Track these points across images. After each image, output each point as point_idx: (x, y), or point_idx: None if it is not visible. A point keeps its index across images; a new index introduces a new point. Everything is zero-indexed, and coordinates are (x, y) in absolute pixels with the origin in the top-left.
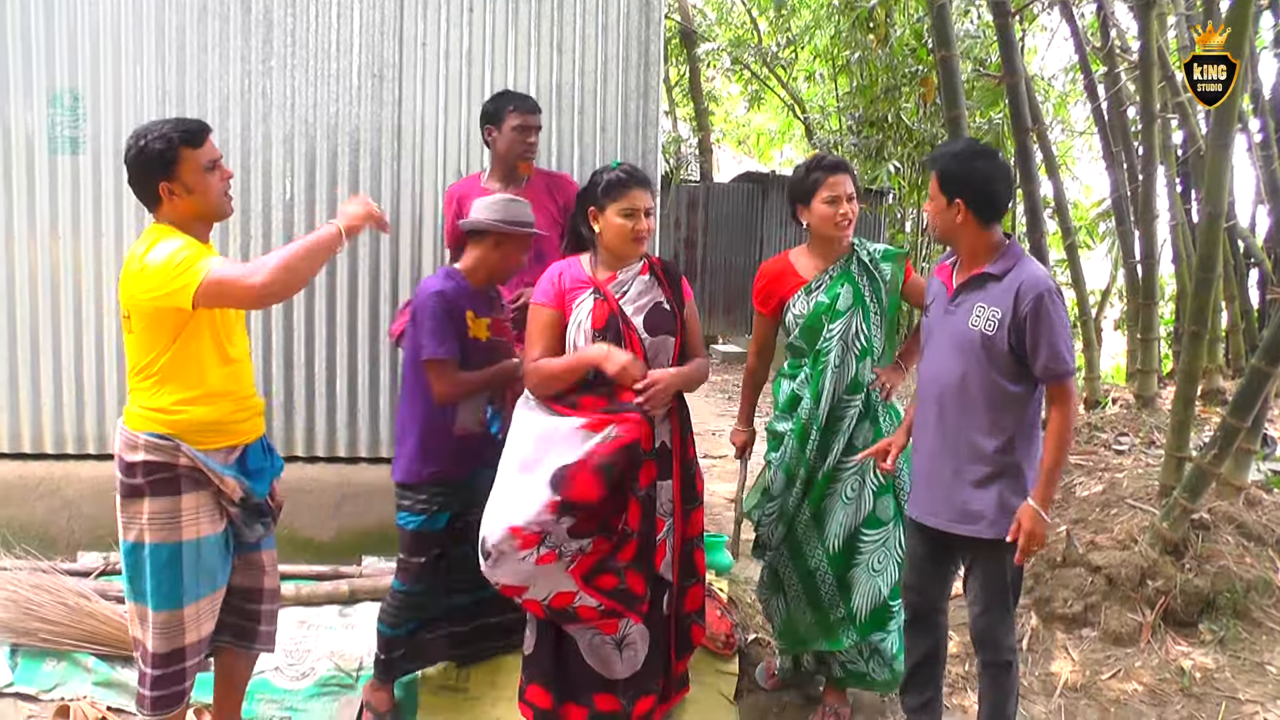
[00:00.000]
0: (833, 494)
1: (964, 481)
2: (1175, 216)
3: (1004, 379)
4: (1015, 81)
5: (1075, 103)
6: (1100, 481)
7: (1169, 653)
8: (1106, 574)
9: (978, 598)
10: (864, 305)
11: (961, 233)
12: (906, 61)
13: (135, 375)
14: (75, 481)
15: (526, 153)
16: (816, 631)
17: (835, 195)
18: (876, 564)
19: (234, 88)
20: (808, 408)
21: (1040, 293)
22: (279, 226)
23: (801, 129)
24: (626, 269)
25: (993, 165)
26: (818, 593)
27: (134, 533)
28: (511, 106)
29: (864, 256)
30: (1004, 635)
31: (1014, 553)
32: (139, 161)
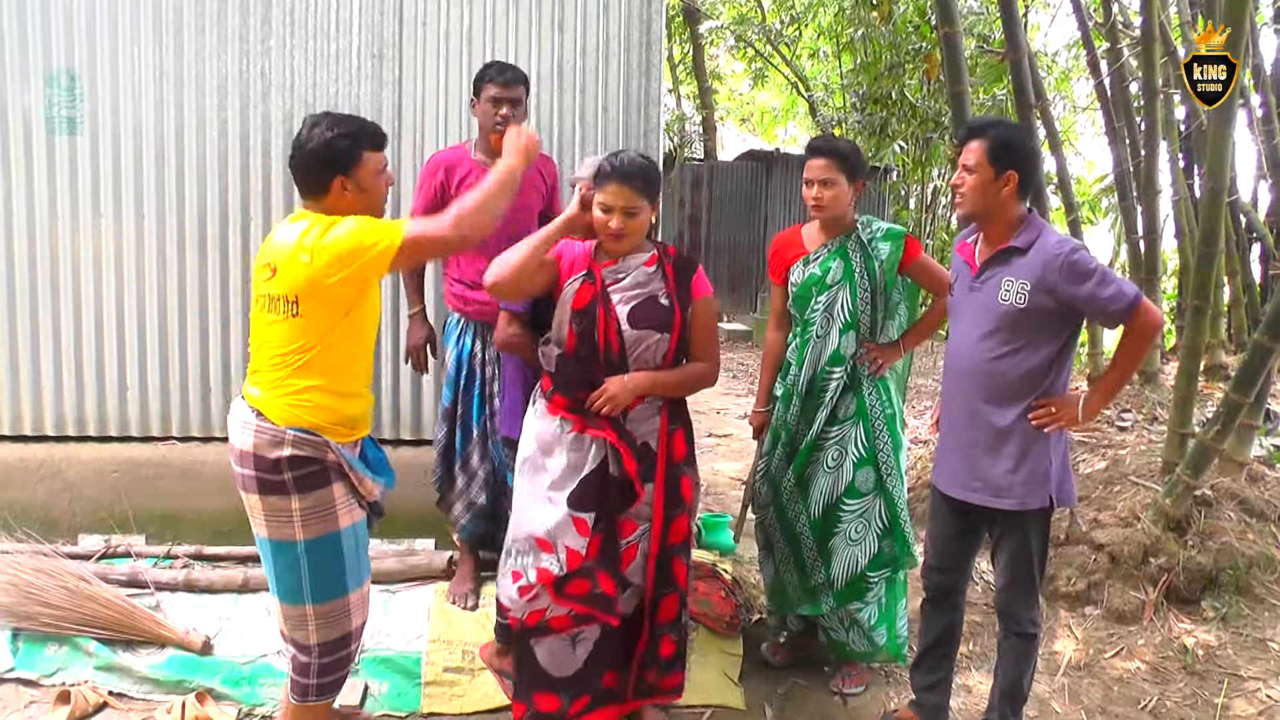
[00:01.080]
0: (816, 462)
1: (993, 454)
2: (1178, 191)
3: (1035, 351)
4: (1019, 58)
5: (1078, 79)
6: (1103, 458)
7: (1171, 630)
8: (1109, 551)
9: (1004, 570)
10: (852, 281)
11: (1001, 208)
12: (910, 38)
13: (281, 361)
14: (76, 464)
15: (499, 125)
16: (800, 595)
17: (809, 178)
18: (855, 534)
19: (232, 68)
20: (793, 374)
21: (1066, 251)
22: (278, 206)
23: (805, 107)
24: (632, 256)
25: (1034, 138)
26: (801, 557)
27: (281, 530)
28: (489, 76)
29: (863, 235)
30: (1028, 608)
31: (1041, 524)
32: (321, 152)
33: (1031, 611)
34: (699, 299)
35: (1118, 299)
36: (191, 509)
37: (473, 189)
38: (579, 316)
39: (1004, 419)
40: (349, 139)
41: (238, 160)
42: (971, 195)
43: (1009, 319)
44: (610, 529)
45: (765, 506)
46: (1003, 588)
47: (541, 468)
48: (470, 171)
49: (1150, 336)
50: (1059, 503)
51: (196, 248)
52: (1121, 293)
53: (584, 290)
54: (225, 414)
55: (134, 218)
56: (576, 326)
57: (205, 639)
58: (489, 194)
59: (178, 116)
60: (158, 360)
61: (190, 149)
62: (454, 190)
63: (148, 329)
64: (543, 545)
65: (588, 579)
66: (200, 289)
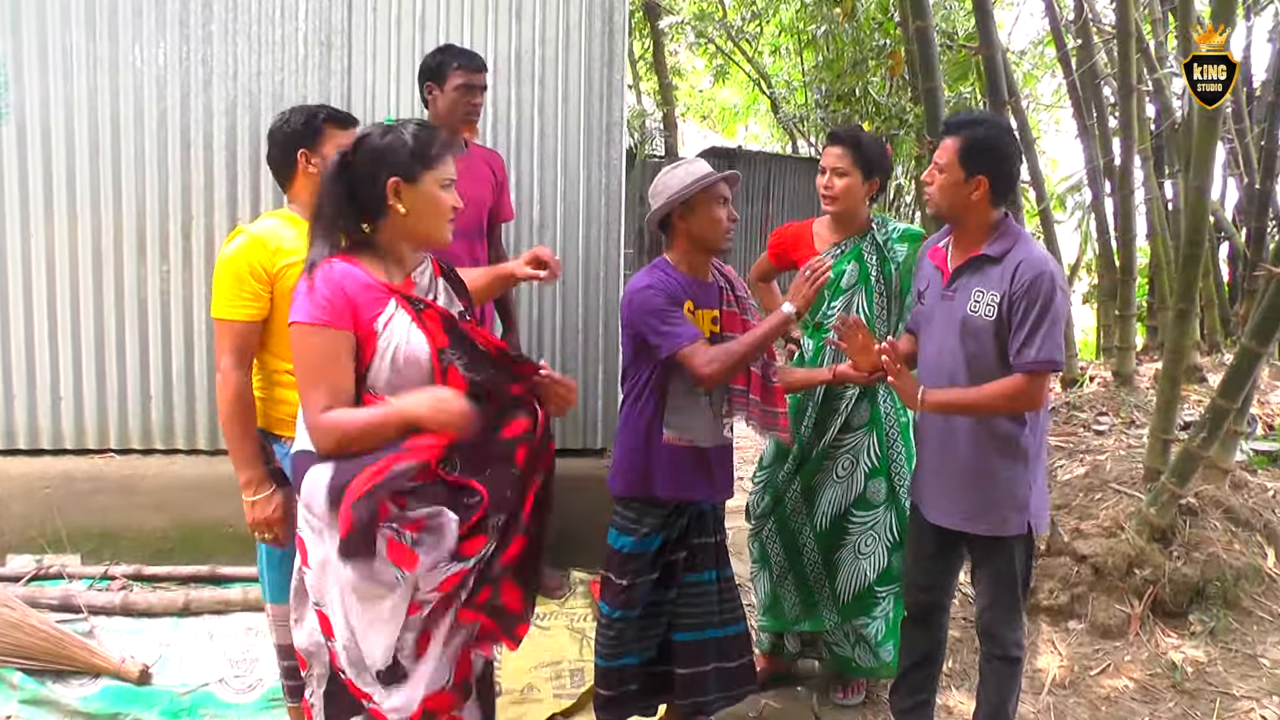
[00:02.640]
0: (825, 471)
1: (968, 477)
2: (1149, 190)
3: (1008, 367)
4: (992, 54)
5: (1042, 77)
6: (1082, 464)
7: (1159, 645)
8: (1093, 563)
9: (985, 592)
10: (868, 284)
11: (972, 211)
12: (873, 35)
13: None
14: (4, 479)
15: (470, 114)
16: (800, 610)
17: (822, 165)
18: (864, 547)
19: (172, 55)
20: None
21: (1039, 273)
22: (222, 203)
23: (767, 104)
24: (419, 269)
25: (1014, 141)
26: (803, 570)
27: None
28: (456, 64)
29: (879, 236)
30: (1011, 630)
31: (1024, 546)
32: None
33: (1015, 633)
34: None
35: (1040, 350)
36: (130, 526)
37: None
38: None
39: (983, 435)
40: (307, 115)
41: (178, 153)
42: (939, 194)
43: (980, 332)
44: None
45: (763, 517)
46: (984, 608)
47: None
48: None
49: (1017, 404)
50: (1036, 529)
51: (135, 247)
52: (1047, 346)
53: (432, 321)
54: (167, 424)
55: (66, 215)
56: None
57: (143, 667)
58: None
59: (113, 106)
60: (94, 367)
61: (127, 142)
62: None
63: (82, 334)
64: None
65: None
66: (139, 291)
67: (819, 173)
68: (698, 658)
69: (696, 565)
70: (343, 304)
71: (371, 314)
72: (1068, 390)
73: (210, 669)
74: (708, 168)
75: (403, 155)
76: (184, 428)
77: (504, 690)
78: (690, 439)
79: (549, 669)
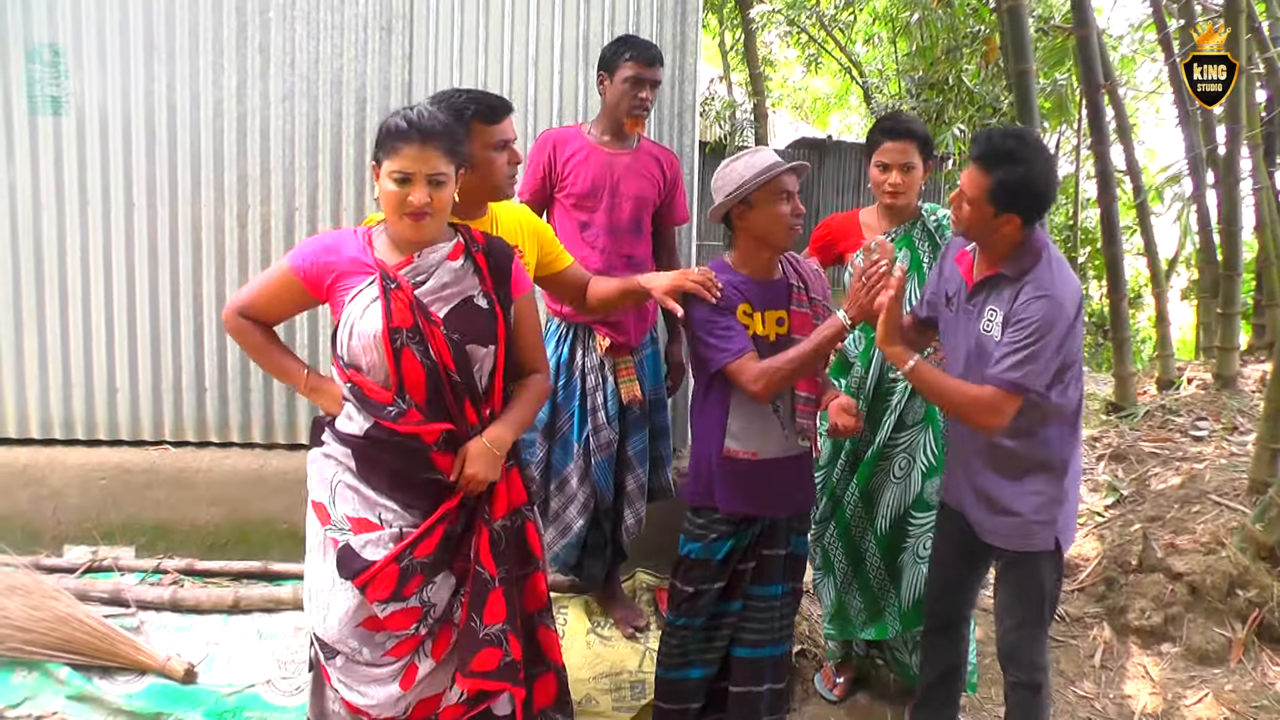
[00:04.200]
0: (882, 472)
1: (995, 489)
2: (1258, 180)
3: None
4: (1087, 34)
5: (1141, 63)
6: (1178, 473)
7: (1265, 674)
8: (1189, 582)
9: (1009, 610)
10: (920, 273)
11: (1000, 241)
12: (967, 22)
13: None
14: (61, 469)
15: (636, 108)
16: (865, 618)
17: (886, 162)
18: (923, 550)
19: (229, 41)
20: (858, 374)
21: (1043, 296)
22: (278, 192)
23: (860, 93)
24: (431, 249)
25: (1052, 170)
26: (867, 578)
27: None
28: (629, 55)
29: (929, 222)
30: (1037, 654)
31: (1052, 562)
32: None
33: (1040, 657)
34: (522, 295)
35: (1013, 370)
36: (184, 519)
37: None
38: (393, 343)
39: (1005, 451)
40: (454, 111)
41: (234, 142)
42: (966, 225)
43: (990, 353)
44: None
45: (824, 521)
46: (1009, 629)
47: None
48: (580, 150)
49: (979, 416)
50: (1064, 545)
51: (190, 237)
52: (1025, 368)
53: (394, 303)
54: (221, 416)
55: (123, 205)
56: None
57: (188, 666)
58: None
59: (169, 95)
60: (149, 359)
61: (183, 131)
62: (561, 169)
63: (139, 325)
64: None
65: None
66: (195, 282)
67: (880, 168)
68: (755, 677)
69: (764, 578)
70: (319, 267)
71: (346, 285)
72: (1164, 393)
73: (257, 669)
74: (772, 158)
75: (378, 141)
76: (238, 421)
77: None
78: (754, 451)
79: (608, 680)
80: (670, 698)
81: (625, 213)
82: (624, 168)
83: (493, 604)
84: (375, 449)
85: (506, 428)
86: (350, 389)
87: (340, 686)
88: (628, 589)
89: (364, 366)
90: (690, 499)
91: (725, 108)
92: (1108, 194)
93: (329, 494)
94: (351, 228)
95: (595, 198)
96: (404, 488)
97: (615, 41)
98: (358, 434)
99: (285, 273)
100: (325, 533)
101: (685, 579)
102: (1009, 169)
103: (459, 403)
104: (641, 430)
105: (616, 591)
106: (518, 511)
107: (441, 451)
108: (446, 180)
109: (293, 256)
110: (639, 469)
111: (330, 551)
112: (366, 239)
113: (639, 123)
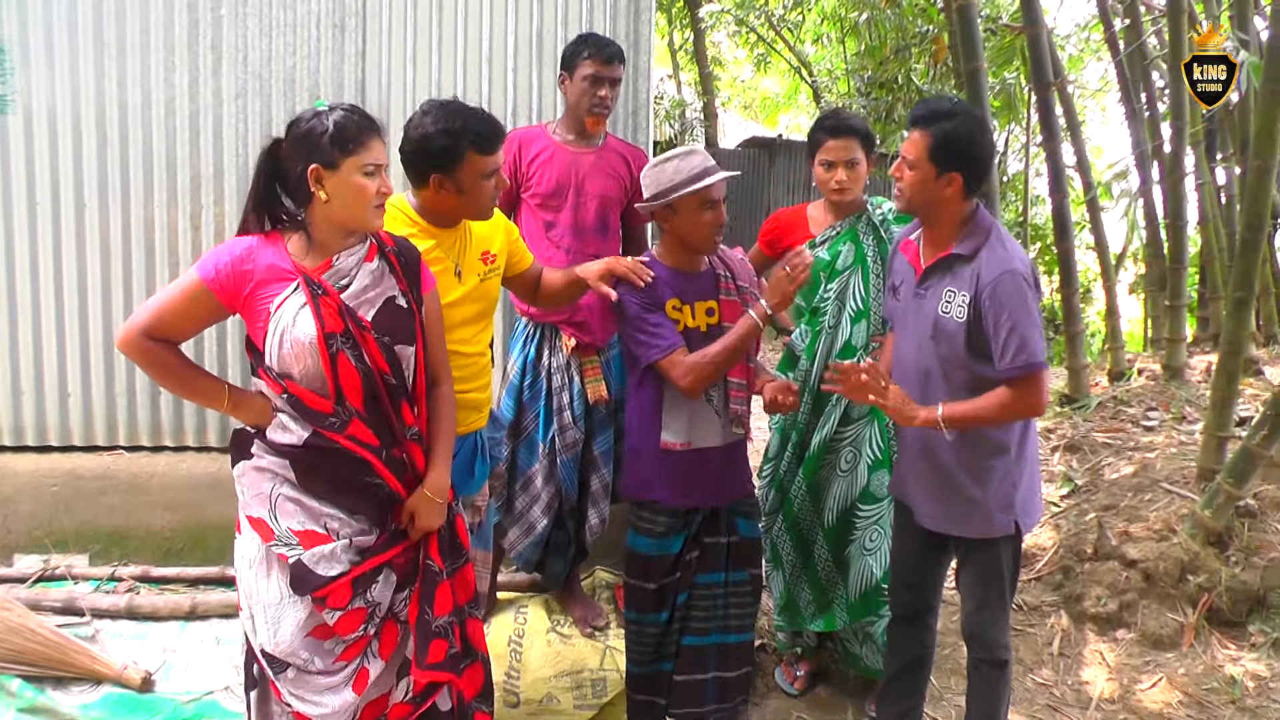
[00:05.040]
0: (829, 465)
1: (949, 478)
2: (1200, 176)
3: (982, 367)
4: (1037, 33)
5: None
6: (1130, 462)
7: (1215, 658)
8: (1143, 569)
9: (971, 593)
10: (864, 265)
11: (943, 208)
12: (916, 22)
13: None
14: (11, 476)
15: (596, 106)
16: (814, 609)
17: (830, 160)
18: (869, 542)
19: (180, 38)
20: (804, 368)
21: (1001, 273)
22: (232, 192)
23: (809, 92)
24: (348, 252)
25: (989, 134)
26: (815, 570)
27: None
28: (587, 53)
29: (875, 216)
30: (1000, 633)
31: (1013, 544)
32: (419, 145)
33: (1003, 635)
34: (429, 292)
35: (1020, 353)
36: (139, 525)
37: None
38: (328, 348)
39: (958, 440)
40: (450, 137)
41: (187, 141)
42: (909, 191)
43: (950, 334)
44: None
45: (773, 514)
46: (971, 611)
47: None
48: (545, 149)
49: (1021, 413)
50: (1024, 528)
51: (143, 238)
52: (1028, 348)
53: (325, 309)
54: (176, 420)
55: (74, 206)
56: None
57: (145, 674)
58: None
59: (120, 93)
60: (102, 363)
61: (135, 130)
62: (526, 169)
63: (91, 328)
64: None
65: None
66: (148, 284)
67: (824, 166)
68: (698, 664)
69: (706, 566)
70: (234, 276)
71: (268, 294)
72: (1115, 384)
73: (216, 676)
74: (703, 162)
75: (323, 142)
76: (194, 424)
77: (523, 701)
78: (689, 442)
79: (569, 678)
80: (644, 689)
81: (590, 211)
82: (589, 166)
83: (441, 597)
84: (315, 457)
85: (441, 471)
86: (287, 399)
87: (292, 700)
88: (587, 587)
89: (296, 374)
90: (632, 493)
91: (675, 107)
92: (1059, 190)
93: (268, 509)
94: (254, 235)
95: (560, 197)
96: (347, 493)
97: (575, 40)
98: (295, 444)
99: (194, 285)
100: (269, 548)
101: (645, 575)
102: (948, 125)
103: (395, 405)
104: (607, 430)
105: (576, 590)
106: (449, 508)
107: (383, 458)
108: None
109: (201, 268)
110: (604, 469)
111: (276, 567)
112: (280, 244)
113: (600, 121)
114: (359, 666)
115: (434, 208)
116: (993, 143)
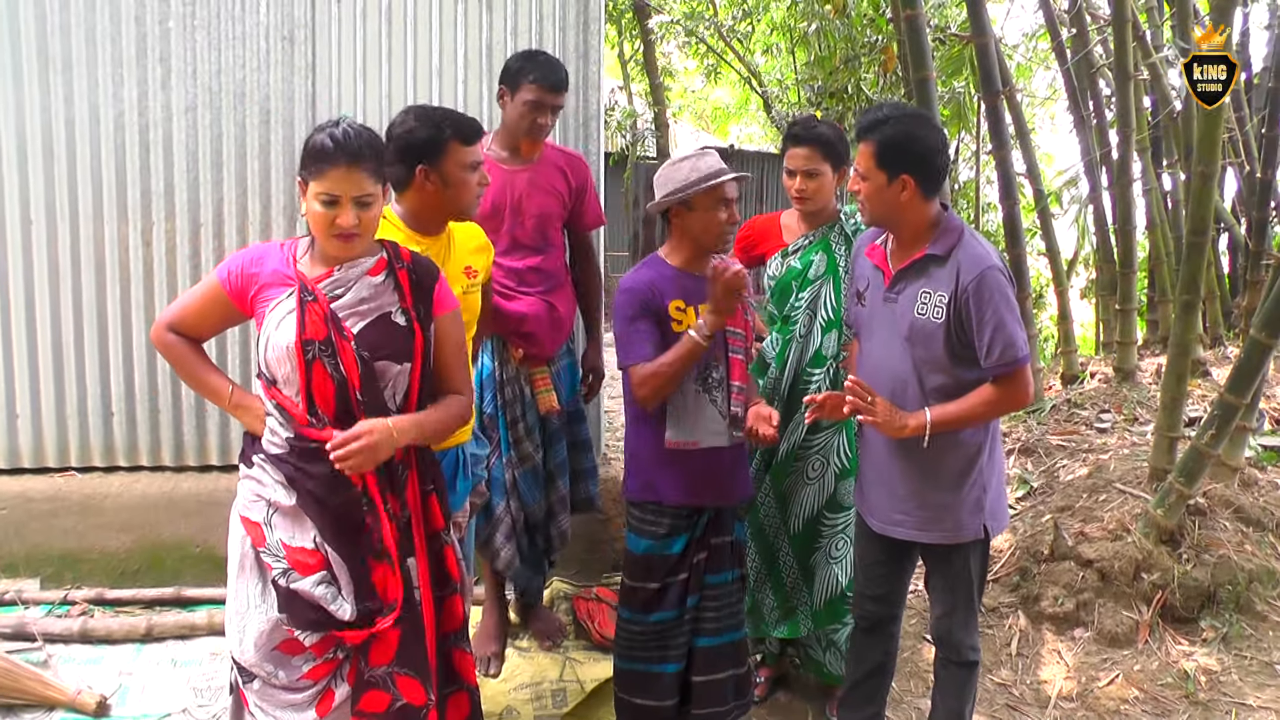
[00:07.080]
0: (796, 473)
1: (919, 485)
2: (1147, 182)
3: (960, 368)
4: (985, 42)
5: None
6: (1084, 464)
7: (1169, 654)
8: (1098, 568)
9: (941, 599)
10: (836, 275)
11: (905, 212)
12: (865, 32)
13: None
14: None
15: (533, 132)
16: (778, 616)
17: (792, 168)
18: (835, 550)
19: (128, 51)
20: (773, 375)
21: (982, 270)
22: (183, 207)
23: (760, 102)
24: (353, 264)
25: (934, 130)
26: (780, 576)
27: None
28: (532, 77)
29: (848, 226)
30: (968, 635)
31: (980, 548)
32: (403, 139)
33: (972, 637)
34: (446, 314)
35: (1017, 344)
36: (93, 547)
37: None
38: (307, 354)
39: (929, 446)
40: (433, 128)
41: (136, 157)
42: (868, 203)
43: (928, 335)
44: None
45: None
46: (941, 616)
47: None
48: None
49: (1010, 407)
50: (993, 532)
51: (93, 255)
52: (1013, 344)
53: (309, 316)
54: (130, 439)
55: (19, 223)
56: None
57: (100, 699)
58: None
59: (67, 108)
60: (52, 382)
61: (83, 145)
62: None
63: (40, 348)
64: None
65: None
66: (99, 302)
67: (788, 174)
68: (716, 664)
69: (716, 567)
70: (243, 279)
71: (267, 297)
72: (1068, 387)
73: (173, 698)
74: (717, 164)
75: (303, 159)
76: (148, 443)
77: (483, 714)
78: (695, 441)
79: (529, 689)
80: (637, 691)
81: (528, 230)
82: (525, 184)
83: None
84: (304, 462)
85: (411, 421)
86: (273, 405)
87: (257, 711)
88: (545, 598)
89: (280, 379)
90: (633, 494)
91: (626, 117)
92: (1010, 197)
93: (265, 514)
94: (280, 240)
95: (497, 218)
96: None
97: (521, 55)
98: (283, 449)
99: (213, 286)
100: (258, 553)
101: (645, 576)
102: (885, 129)
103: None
104: (561, 442)
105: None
106: (436, 537)
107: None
108: (374, 200)
109: (220, 269)
110: (559, 480)
111: (258, 572)
112: (291, 251)
113: (537, 145)
114: (325, 688)
115: (419, 209)
116: (940, 139)
